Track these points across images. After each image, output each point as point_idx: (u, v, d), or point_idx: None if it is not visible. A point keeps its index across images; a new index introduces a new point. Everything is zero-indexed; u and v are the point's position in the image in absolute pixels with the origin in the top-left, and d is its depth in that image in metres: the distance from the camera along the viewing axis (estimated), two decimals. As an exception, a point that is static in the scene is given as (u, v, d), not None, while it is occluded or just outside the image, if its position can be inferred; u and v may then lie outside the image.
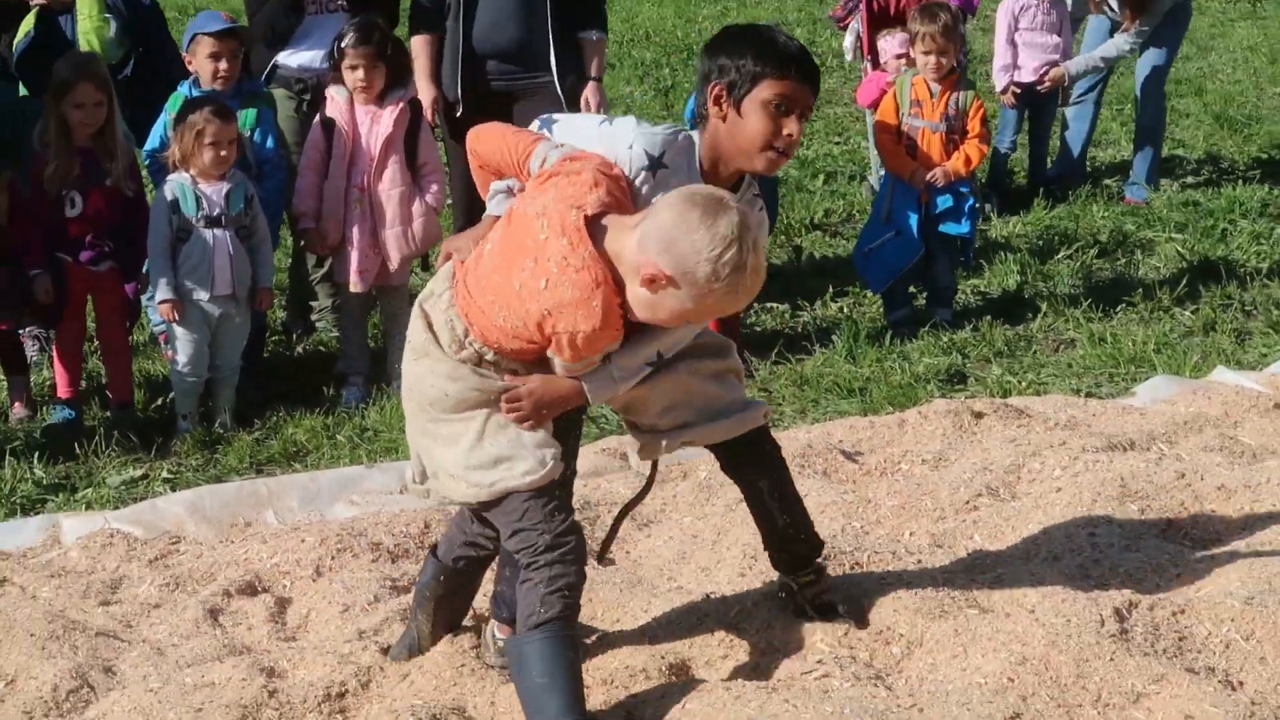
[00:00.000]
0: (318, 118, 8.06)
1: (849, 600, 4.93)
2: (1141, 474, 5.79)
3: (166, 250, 7.56)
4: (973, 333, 8.87)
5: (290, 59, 8.62)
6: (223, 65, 8.06)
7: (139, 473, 7.37)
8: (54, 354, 8.09)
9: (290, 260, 9.16)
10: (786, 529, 4.84)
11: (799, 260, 10.55)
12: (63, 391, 8.01)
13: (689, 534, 5.87)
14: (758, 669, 4.70)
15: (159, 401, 8.31)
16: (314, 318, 9.26)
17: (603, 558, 4.95)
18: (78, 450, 7.53)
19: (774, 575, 5.01)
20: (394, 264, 8.03)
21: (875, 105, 11.13)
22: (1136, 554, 5.14)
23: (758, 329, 8.98)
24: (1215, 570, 4.94)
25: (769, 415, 4.89)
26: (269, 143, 8.20)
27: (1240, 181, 11.95)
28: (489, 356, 4.29)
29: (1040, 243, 10.53)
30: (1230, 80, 15.76)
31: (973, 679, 4.33)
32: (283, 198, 8.24)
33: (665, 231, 3.95)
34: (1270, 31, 17.44)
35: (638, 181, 4.26)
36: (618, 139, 4.32)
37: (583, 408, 4.57)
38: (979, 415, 7.26)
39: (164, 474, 7.35)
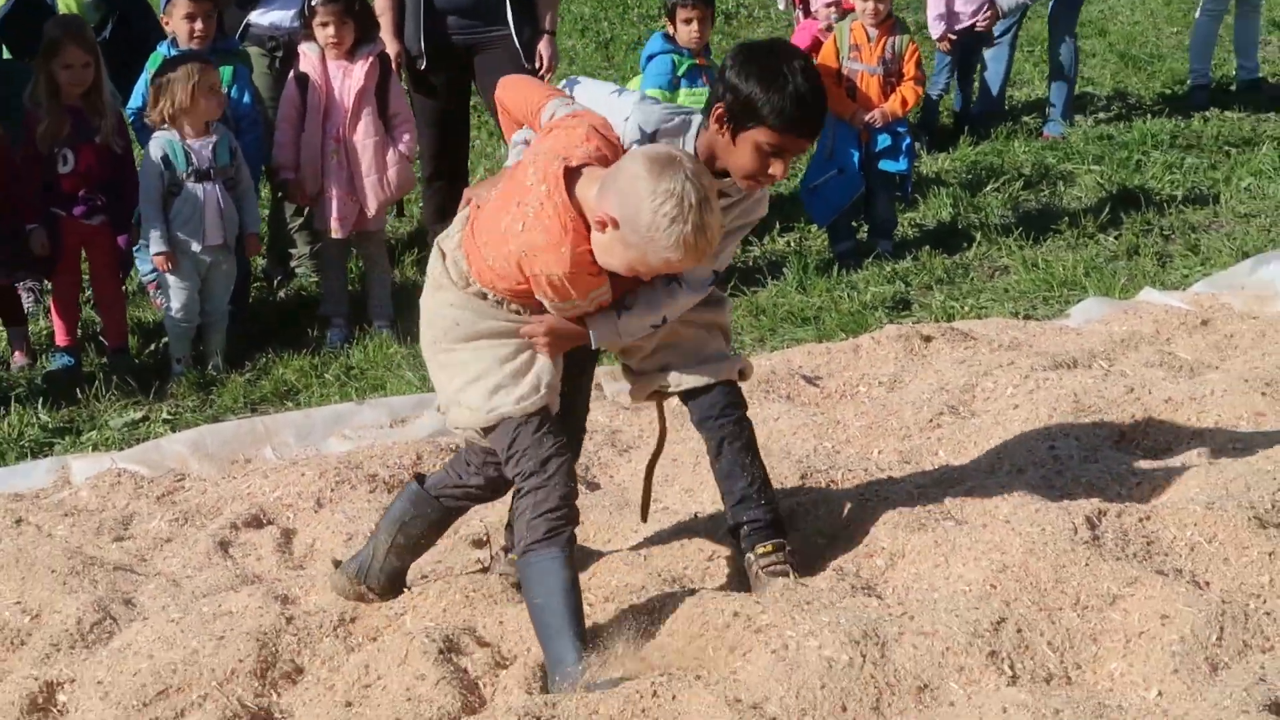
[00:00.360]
0: (291, 74, 7.92)
1: (830, 516, 4.88)
2: (1092, 389, 5.74)
3: (159, 204, 7.43)
4: (913, 262, 8.81)
5: (262, 18, 8.48)
6: (198, 25, 7.89)
7: (139, 415, 7.25)
8: (51, 304, 7.95)
9: (269, 211, 8.98)
10: (747, 489, 4.69)
11: (744, 198, 10.42)
12: (61, 340, 7.87)
13: (669, 458, 5.76)
14: (746, 583, 4.62)
15: (152, 347, 8.18)
16: (293, 264, 9.13)
17: (645, 517, 4.99)
18: (79, 395, 7.39)
19: None
20: (371, 210, 7.92)
21: (809, 50, 11.10)
22: (1096, 465, 5.09)
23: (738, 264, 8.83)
24: (1173, 478, 4.89)
25: (746, 373, 4.77)
26: (246, 98, 8.07)
27: (1148, 115, 11.89)
28: (490, 296, 4.25)
29: (969, 177, 10.47)
30: (1130, 21, 15.70)
31: (956, 587, 4.27)
32: (260, 151, 8.10)
33: (618, 180, 3.94)
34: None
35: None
36: (618, 110, 4.29)
37: (594, 354, 4.58)
38: (928, 339, 7.21)
39: (164, 415, 7.23)
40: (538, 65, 8.49)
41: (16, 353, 7.98)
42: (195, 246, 7.55)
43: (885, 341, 7.17)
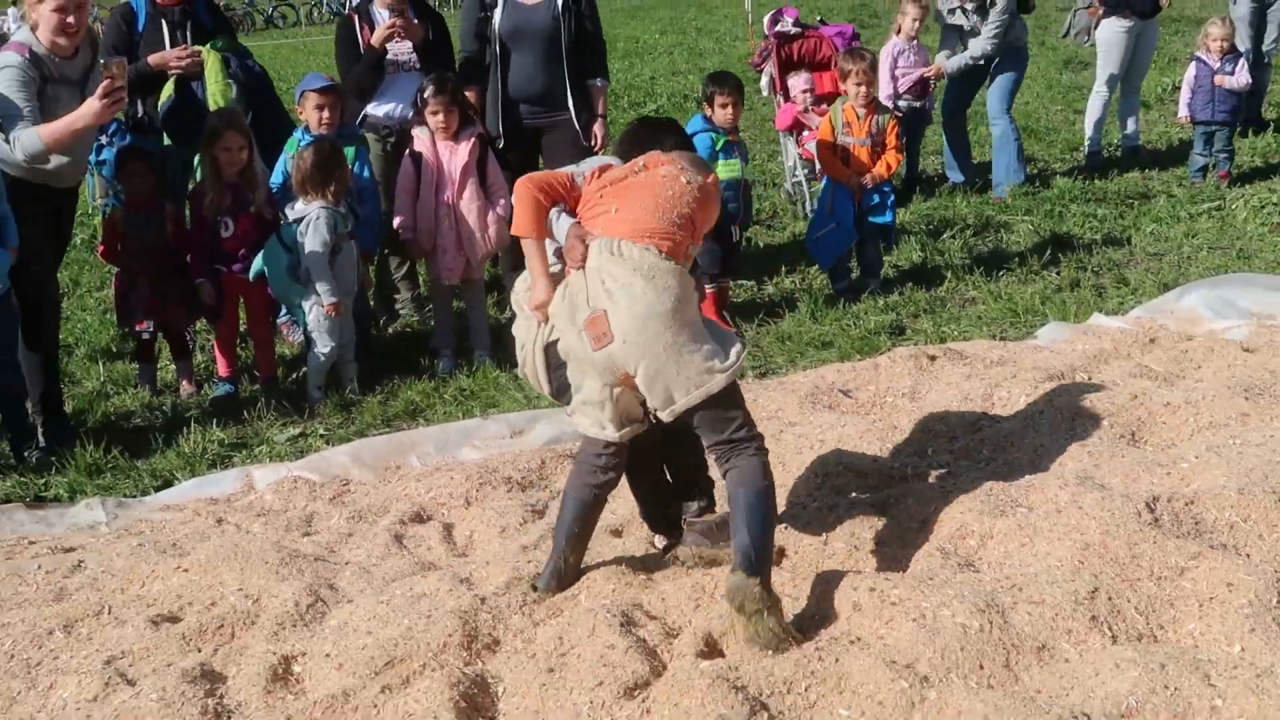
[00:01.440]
0: (408, 152, 7.76)
1: (918, 506, 4.74)
2: (1103, 397, 5.63)
3: (327, 261, 7.21)
4: (899, 296, 8.69)
5: (377, 109, 8.28)
6: (325, 114, 7.74)
7: (297, 431, 7.05)
8: (215, 344, 7.72)
9: (376, 265, 8.79)
10: (697, 467, 4.78)
11: (750, 247, 10.28)
12: (223, 372, 7.68)
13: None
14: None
15: (292, 376, 7.95)
16: (398, 307, 8.93)
17: None
18: (245, 416, 7.19)
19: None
20: (475, 261, 7.79)
21: (790, 129, 11.02)
22: (1125, 459, 4.98)
23: (735, 301, 8.69)
24: (1197, 470, 4.78)
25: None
26: (365, 173, 7.90)
27: (1056, 176, 11.81)
28: None
29: (929, 227, 10.35)
30: (1023, 103, 15.61)
31: (1047, 563, 4.15)
32: (379, 216, 7.93)
33: None
34: (1038, 65, 17.18)
35: None
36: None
37: None
38: (933, 358, 7.08)
39: (319, 431, 7.02)
40: (593, 143, 8.36)
41: (184, 382, 7.80)
42: (350, 294, 7.42)
43: (899, 360, 7.04)
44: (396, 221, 7.73)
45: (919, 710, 3.52)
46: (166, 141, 8.21)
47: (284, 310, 7.99)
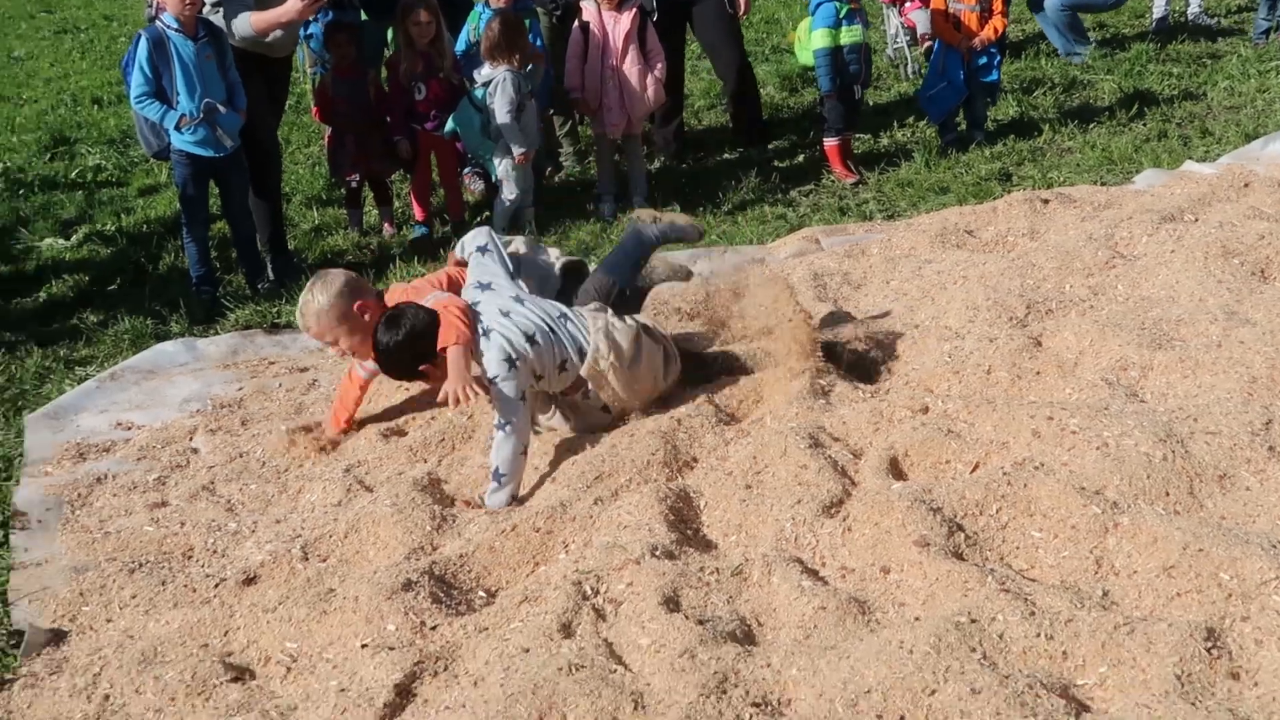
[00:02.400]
0: (576, 22, 7.15)
1: (1076, 339, 4.19)
2: (1224, 236, 4.97)
3: (515, 118, 6.69)
4: (1002, 146, 7.97)
5: (546, -17, 7.59)
6: (505, -11, 7.07)
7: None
8: (411, 192, 7.27)
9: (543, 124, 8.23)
10: None
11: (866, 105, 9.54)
12: (419, 215, 7.25)
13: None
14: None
15: (476, 219, 7.46)
16: (561, 160, 8.38)
17: None
18: (441, 255, 6.76)
19: None
20: (636, 119, 7.19)
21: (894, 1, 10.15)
22: (1263, 295, 4.37)
23: (856, 151, 8.01)
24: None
25: None
26: (538, 43, 7.27)
27: (1128, 41, 10.79)
28: None
29: (1021, 85, 9.48)
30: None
31: (1213, 395, 3.61)
32: (549, 81, 7.36)
33: None
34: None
35: None
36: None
37: None
38: (1045, 201, 6.43)
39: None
40: (738, 11, 7.68)
41: (385, 224, 7.38)
42: (534, 147, 6.91)
43: (1015, 204, 6.40)
44: (567, 83, 7.14)
45: (1112, 535, 3.06)
46: (364, 17, 7.65)
47: (467, 164, 7.49)
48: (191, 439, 4.75)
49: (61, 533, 4.12)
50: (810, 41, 7.48)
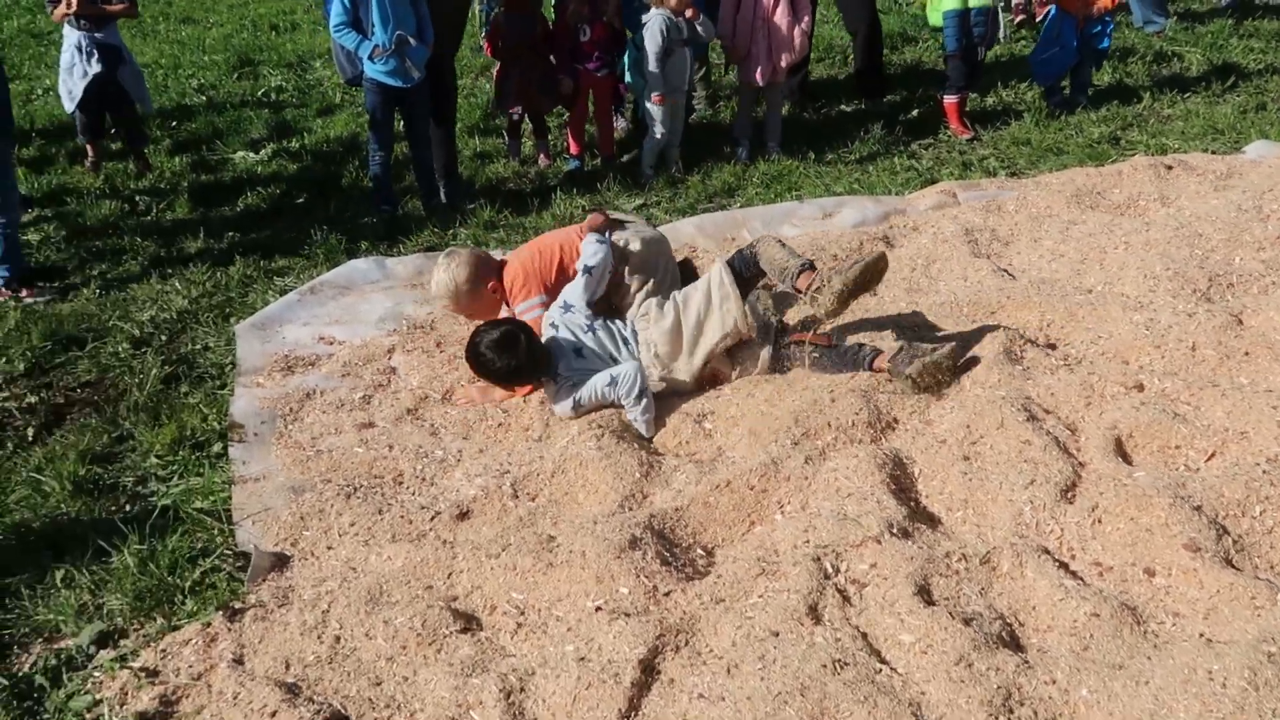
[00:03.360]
0: (731, -28, 6.23)
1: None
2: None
3: (659, 59, 5.88)
4: (1106, 111, 7.03)
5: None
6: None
7: (640, 202, 5.87)
8: (568, 127, 6.50)
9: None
10: None
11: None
12: (573, 149, 6.48)
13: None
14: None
15: (624, 157, 6.72)
16: (694, 104, 7.51)
17: None
18: (597, 188, 6.04)
19: None
20: (783, 66, 6.32)
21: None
22: None
23: (970, 110, 7.10)
24: None
25: None
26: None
27: (1200, 20, 9.64)
28: None
29: (1113, 54, 8.44)
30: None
31: None
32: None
33: None
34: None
35: None
36: None
37: None
38: (1169, 167, 5.56)
39: (657, 202, 5.85)
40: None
41: (541, 155, 6.63)
42: (680, 91, 6.07)
43: (1140, 169, 5.54)
44: (719, 30, 6.29)
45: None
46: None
47: (622, 104, 6.71)
48: (390, 358, 4.13)
49: (277, 447, 3.54)
50: (941, 2, 6.55)
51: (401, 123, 5.80)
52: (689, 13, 5.88)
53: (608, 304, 3.74)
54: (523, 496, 3.12)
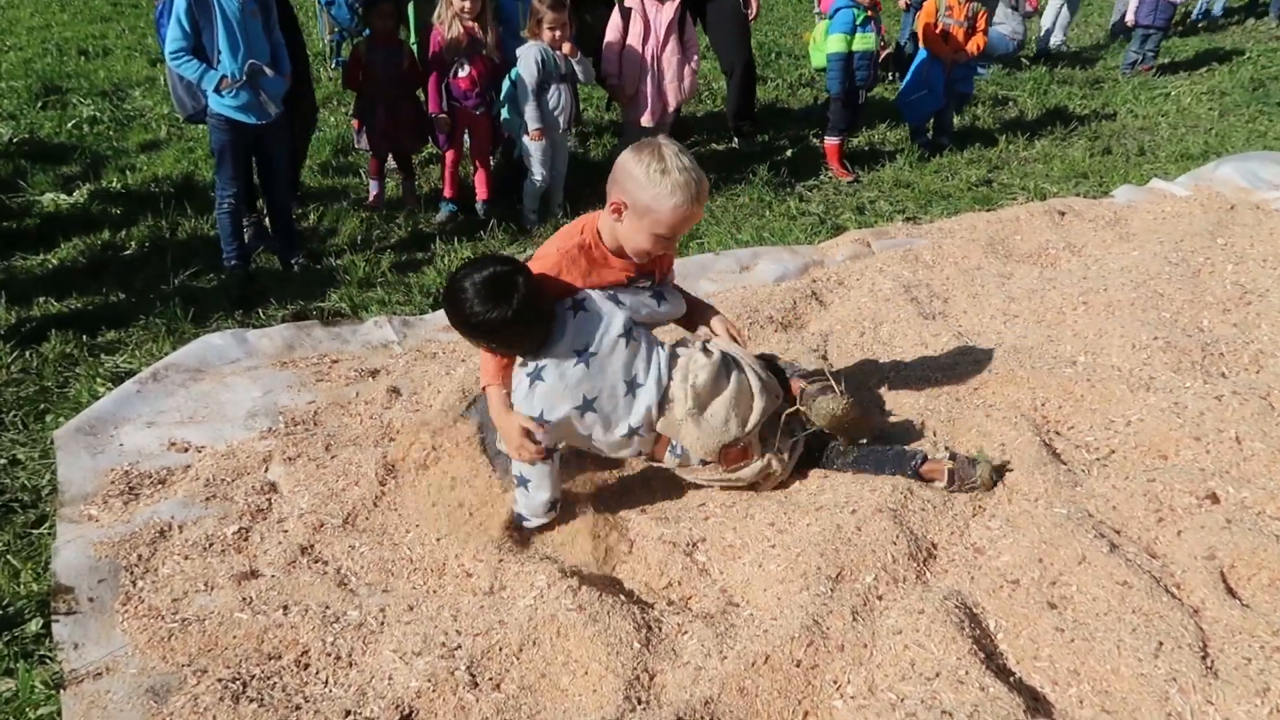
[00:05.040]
0: (616, 8, 5.39)
1: None
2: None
3: (535, 94, 4.95)
4: (971, 153, 6.63)
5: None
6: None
7: (530, 251, 4.90)
8: (444, 169, 5.43)
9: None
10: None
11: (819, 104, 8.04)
12: (448, 192, 5.42)
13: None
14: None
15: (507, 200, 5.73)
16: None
17: None
18: (480, 236, 5.04)
19: None
20: (671, 107, 5.53)
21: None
22: None
23: (850, 149, 6.51)
24: None
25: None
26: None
27: (1020, 65, 9.56)
28: None
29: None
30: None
31: None
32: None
33: (614, 175, 2.44)
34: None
35: None
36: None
37: None
38: (1061, 213, 5.13)
39: (553, 255, 4.90)
40: (750, 12, 6.06)
41: (409, 199, 5.53)
42: (558, 128, 5.13)
43: (1036, 214, 5.09)
44: (605, 69, 5.42)
45: None
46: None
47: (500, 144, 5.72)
48: (266, 469, 3.02)
49: (123, 619, 2.39)
50: (825, 45, 5.93)
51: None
52: (565, 48, 4.97)
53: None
54: (484, 685, 2.14)
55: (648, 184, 2.34)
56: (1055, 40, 10.07)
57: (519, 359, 2.52)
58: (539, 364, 2.47)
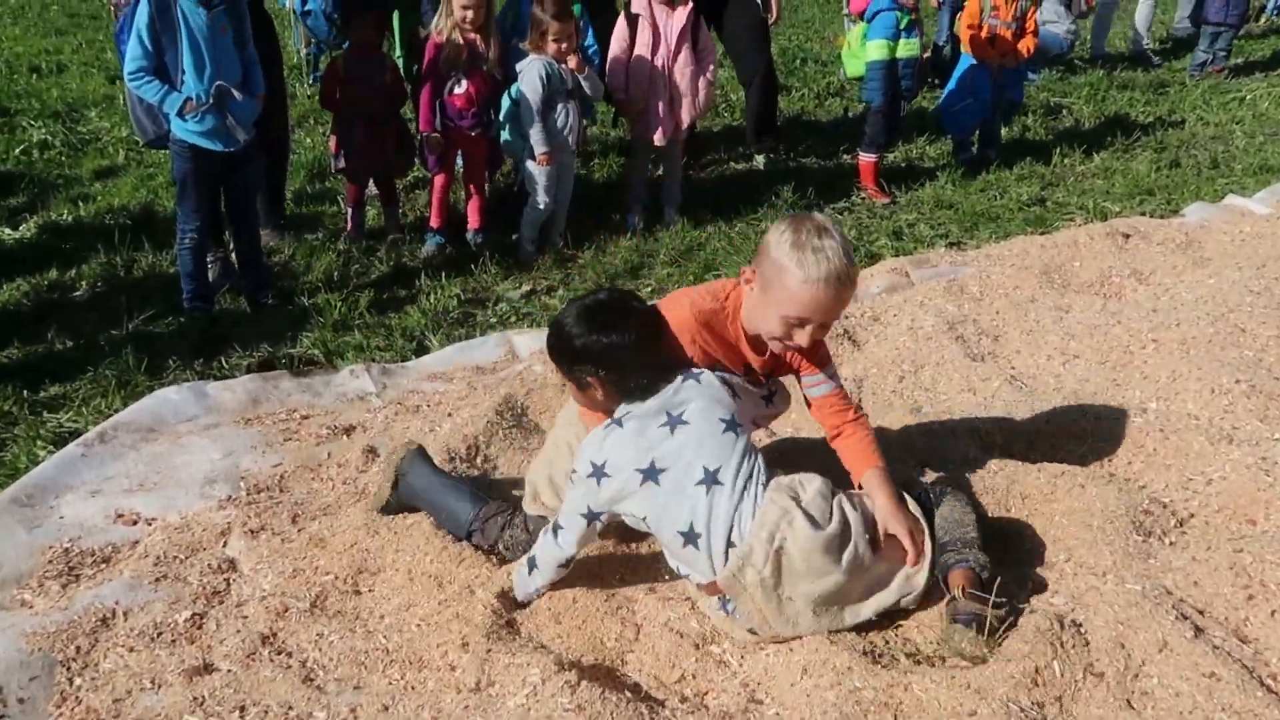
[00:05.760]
0: (623, 14, 5.40)
1: None
2: None
3: (541, 113, 4.94)
4: (1021, 170, 6.59)
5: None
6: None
7: (528, 288, 4.89)
8: (432, 196, 5.42)
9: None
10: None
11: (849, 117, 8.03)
12: (435, 222, 5.41)
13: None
14: None
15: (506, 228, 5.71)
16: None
17: None
18: (472, 270, 5.02)
19: None
20: (685, 123, 5.49)
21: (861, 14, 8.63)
22: None
23: (884, 166, 6.44)
24: None
25: None
26: (589, 34, 5.55)
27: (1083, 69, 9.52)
28: None
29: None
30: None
31: None
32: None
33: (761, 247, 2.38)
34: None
35: None
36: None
37: None
38: (1125, 236, 5.07)
39: (545, 286, 4.89)
40: (771, 16, 6.08)
41: (392, 229, 5.51)
42: (568, 148, 5.14)
43: (1097, 238, 5.02)
44: (611, 82, 5.40)
45: None
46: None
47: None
48: (225, 544, 2.97)
49: (57, 723, 2.33)
50: (864, 52, 5.92)
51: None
52: (571, 62, 4.97)
53: None
54: (473, 802, 2.06)
55: (782, 254, 2.27)
56: (1145, 42, 9.95)
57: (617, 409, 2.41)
58: (625, 410, 2.40)
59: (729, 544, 2.32)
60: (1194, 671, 2.09)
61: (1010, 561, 2.56)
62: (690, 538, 2.34)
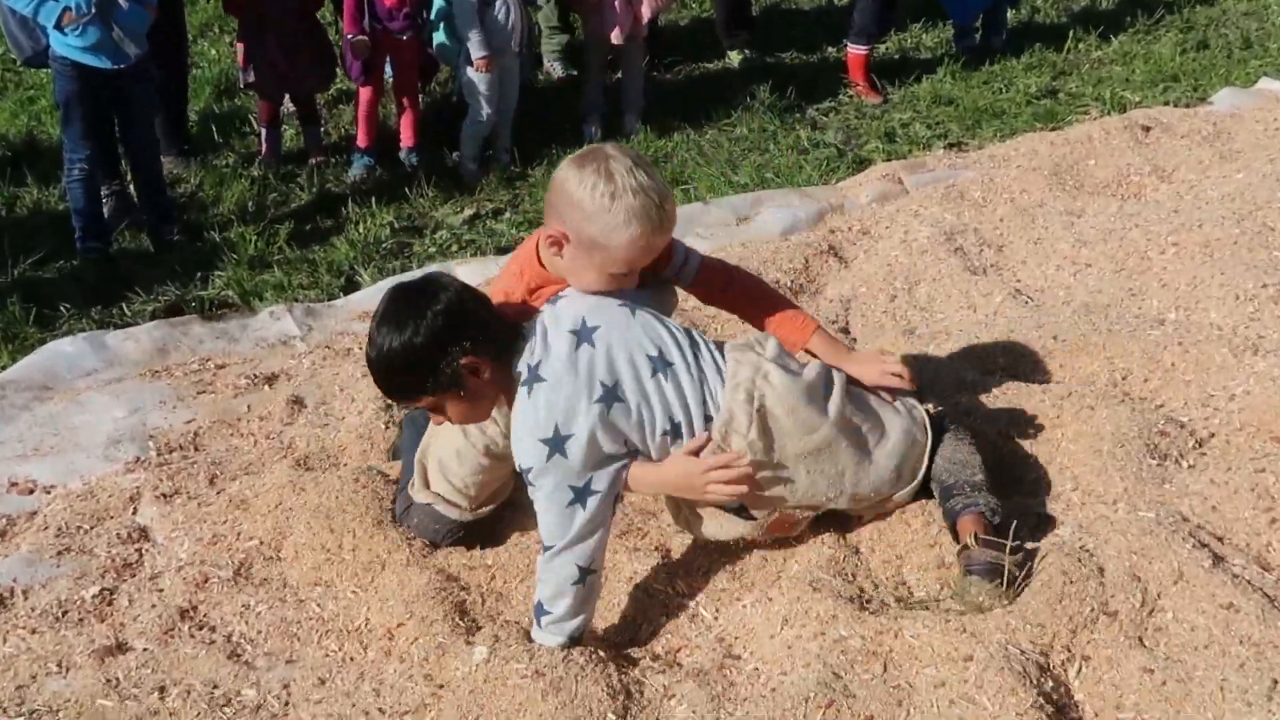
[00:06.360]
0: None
1: None
2: None
3: (475, 13, 4.90)
4: (1030, 57, 6.57)
5: None
6: None
7: (471, 212, 4.89)
8: (359, 112, 5.38)
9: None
10: None
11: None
12: (362, 141, 5.39)
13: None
14: None
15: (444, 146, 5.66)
16: (546, 65, 6.51)
17: None
18: (407, 194, 5.00)
19: None
20: (645, 19, 5.49)
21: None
22: None
23: (876, 59, 6.38)
24: None
25: None
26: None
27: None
28: None
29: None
30: None
31: None
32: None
33: (551, 197, 2.33)
34: None
35: None
36: None
37: None
38: (1146, 128, 5.08)
39: (501, 211, 4.88)
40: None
41: (313, 152, 5.49)
42: (509, 51, 5.11)
43: (1113, 132, 5.01)
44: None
45: None
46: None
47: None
48: (135, 510, 2.99)
49: (-47, 713, 2.37)
50: (850, -73, 5.88)
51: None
52: (511, -51, 4.93)
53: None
54: (421, 779, 2.11)
55: (595, 212, 2.18)
56: None
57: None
58: (525, 364, 2.28)
59: (707, 419, 2.32)
60: (1211, 603, 2.15)
61: (1012, 494, 2.61)
62: (674, 435, 2.32)
